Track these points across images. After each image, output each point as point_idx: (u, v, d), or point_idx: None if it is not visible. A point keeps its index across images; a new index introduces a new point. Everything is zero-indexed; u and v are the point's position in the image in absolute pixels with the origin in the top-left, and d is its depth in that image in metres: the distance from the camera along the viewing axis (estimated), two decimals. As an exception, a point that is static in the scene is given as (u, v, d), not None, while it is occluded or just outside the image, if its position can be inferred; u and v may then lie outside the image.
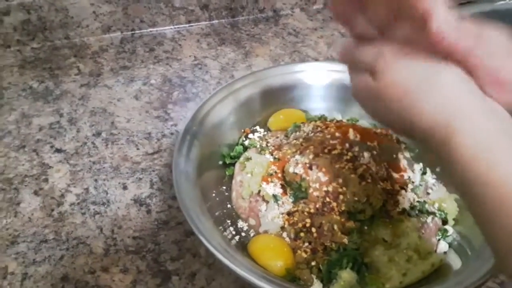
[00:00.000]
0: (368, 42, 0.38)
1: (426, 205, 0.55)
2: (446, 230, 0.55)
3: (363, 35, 0.39)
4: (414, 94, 0.34)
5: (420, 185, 0.57)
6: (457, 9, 0.37)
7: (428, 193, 0.58)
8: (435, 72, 0.34)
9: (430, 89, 0.33)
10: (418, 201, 0.55)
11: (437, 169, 0.61)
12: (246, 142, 0.65)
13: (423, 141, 0.35)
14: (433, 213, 0.55)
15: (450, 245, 0.54)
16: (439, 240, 0.54)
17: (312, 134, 0.58)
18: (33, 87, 0.80)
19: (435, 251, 0.53)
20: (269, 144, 0.62)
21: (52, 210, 0.61)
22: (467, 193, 0.32)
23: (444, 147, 0.32)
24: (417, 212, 0.54)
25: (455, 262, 0.52)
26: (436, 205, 0.57)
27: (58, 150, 0.69)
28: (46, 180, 0.65)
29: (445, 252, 0.53)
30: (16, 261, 0.56)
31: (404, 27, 0.35)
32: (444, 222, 0.56)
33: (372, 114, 0.40)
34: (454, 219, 0.56)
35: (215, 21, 0.99)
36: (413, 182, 0.55)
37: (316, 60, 0.89)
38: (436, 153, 0.34)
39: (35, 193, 0.63)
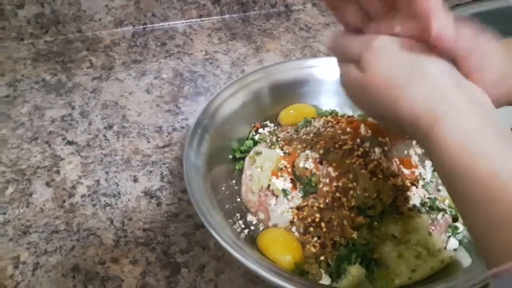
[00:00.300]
0: (356, 33, 0.39)
1: (437, 202, 0.55)
2: (456, 227, 0.55)
3: (352, 24, 0.39)
4: (400, 85, 0.34)
5: (431, 181, 0.56)
6: (452, 10, 0.37)
7: (439, 190, 0.58)
8: (422, 64, 0.34)
9: (416, 80, 0.34)
10: (428, 198, 0.54)
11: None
12: (256, 137, 0.65)
13: (408, 132, 0.35)
14: (444, 210, 0.55)
15: (460, 242, 0.54)
16: (449, 237, 0.54)
17: (322, 129, 0.58)
18: (46, 80, 0.81)
19: (445, 248, 0.52)
20: (279, 139, 0.62)
21: (64, 201, 0.62)
22: (449, 182, 0.32)
23: (429, 137, 0.33)
24: (427, 208, 0.54)
25: (465, 259, 0.52)
26: (447, 202, 0.56)
27: (70, 142, 0.70)
28: (58, 172, 0.66)
29: (455, 249, 0.53)
30: (28, 251, 0.56)
31: (398, 18, 0.36)
32: (455, 219, 0.56)
33: (358, 105, 0.40)
34: (464, 216, 0.56)
35: (227, 16, 0.99)
36: (424, 179, 0.55)
37: (328, 55, 0.89)
38: (421, 143, 0.34)
39: (47, 184, 0.64)
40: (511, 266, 0.27)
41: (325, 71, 0.69)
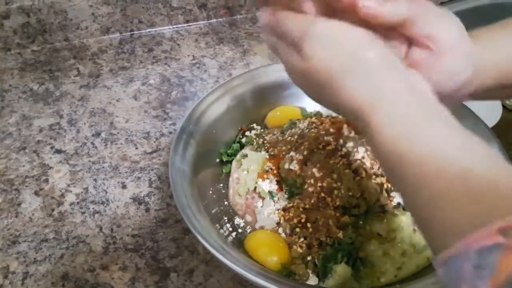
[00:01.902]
0: (295, 14, 0.37)
1: (422, 199, 0.55)
2: (441, 224, 0.55)
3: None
4: (340, 76, 0.34)
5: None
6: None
7: (424, 187, 0.58)
8: (361, 52, 0.34)
9: (355, 70, 0.33)
10: (413, 195, 0.55)
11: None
12: (243, 140, 0.65)
13: (351, 120, 0.35)
14: (429, 207, 0.55)
15: (445, 238, 0.54)
16: (434, 233, 0.54)
17: (307, 130, 0.59)
18: (33, 89, 0.81)
19: (431, 244, 0.53)
20: (265, 141, 0.62)
21: (53, 210, 0.62)
22: (389, 169, 0.32)
23: (368, 126, 0.33)
24: (412, 206, 0.54)
25: (451, 255, 0.52)
26: (432, 199, 0.57)
27: (58, 151, 0.70)
28: (46, 181, 0.66)
29: (440, 246, 0.53)
30: (17, 260, 0.57)
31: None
32: (440, 216, 0.56)
33: (304, 90, 0.39)
34: (450, 213, 0.56)
35: (213, 20, 0.99)
36: (407, 177, 0.55)
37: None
38: (364, 133, 0.34)
39: (36, 193, 0.64)
40: (458, 248, 0.26)
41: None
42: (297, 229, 0.52)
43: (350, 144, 0.54)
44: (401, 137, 0.31)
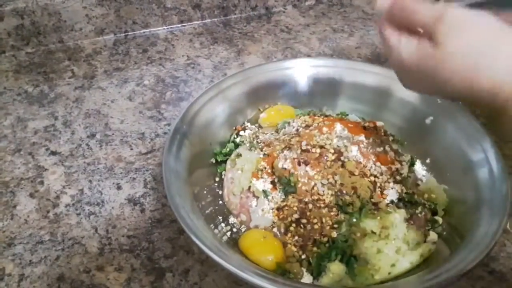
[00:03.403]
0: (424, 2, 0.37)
1: (415, 196, 0.56)
2: (435, 221, 0.56)
3: None
4: (479, 59, 0.34)
5: (409, 176, 0.57)
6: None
7: (418, 185, 0.59)
8: (501, 34, 0.34)
9: (495, 53, 0.34)
10: (406, 193, 0.55)
11: (427, 161, 0.62)
12: (238, 139, 0.66)
13: (482, 102, 0.35)
14: (423, 204, 0.56)
15: (439, 235, 0.54)
16: (428, 230, 0.55)
17: (300, 129, 0.59)
18: (28, 91, 0.81)
19: (424, 241, 0.53)
20: (259, 141, 0.62)
21: (48, 211, 0.62)
22: None
23: (508, 106, 0.33)
24: (405, 203, 0.54)
25: (444, 252, 0.52)
26: (426, 196, 0.57)
27: (53, 153, 0.70)
28: (41, 183, 0.66)
29: (434, 242, 0.54)
30: (13, 262, 0.57)
31: None
32: (434, 213, 0.57)
33: (418, 84, 0.38)
34: (443, 210, 0.57)
35: (208, 20, 0.99)
36: (401, 174, 0.56)
37: (308, 56, 0.90)
38: (497, 113, 0.35)
39: (31, 195, 0.64)
40: None
41: (303, 72, 0.70)
42: (291, 228, 0.53)
43: (343, 143, 0.54)
44: None
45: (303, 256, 0.51)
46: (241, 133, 0.66)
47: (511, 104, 0.33)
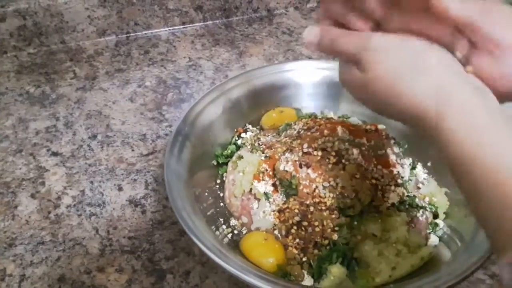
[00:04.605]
0: (349, 31, 0.38)
1: (416, 200, 0.56)
2: (436, 224, 0.56)
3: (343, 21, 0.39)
4: (403, 83, 0.34)
5: (410, 179, 0.57)
6: None
7: (419, 188, 0.59)
8: (420, 58, 0.35)
9: (416, 76, 0.34)
10: (408, 196, 0.55)
11: (429, 164, 0.62)
12: (239, 141, 0.66)
13: (413, 126, 0.36)
14: (424, 207, 0.56)
15: (440, 238, 0.55)
16: (429, 233, 0.55)
17: (302, 132, 0.59)
18: (29, 92, 0.81)
19: (425, 244, 0.53)
20: (261, 143, 0.63)
21: (49, 212, 0.62)
22: (458, 172, 0.33)
23: (435, 130, 0.33)
24: (407, 206, 0.54)
25: (445, 255, 0.53)
26: (427, 199, 0.57)
27: (55, 154, 0.71)
28: (43, 183, 0.66)
29: (435, 246, 0.54)
30: (14, 263, 0.57)
31: (402, 11, 0.37)
32: (435, 216, 0.57)
33: (360, 101, 0.40)
34: (444, 213, 0.57)
35: (209, 22, 0.99)
36: (402, 177, 0.56)
37: (310, 58, 0.90)
38: (427, 136, 0.35)
39: (32, 196, 0.64)
40: None
41: (305, 74, 0.70)
42: (293, 230, 0.53)
43: (344, 146, 0.55)
44: (472, 142, 0.32)
45: (304, 259, 0.51)
46: (243, 135, 0.67)
47: (438, 134, 0.33)
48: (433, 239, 0.54)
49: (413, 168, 0.59)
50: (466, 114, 0.32)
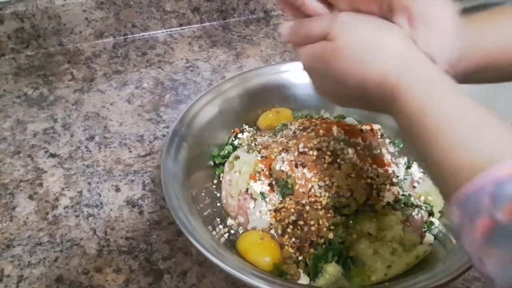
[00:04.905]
0: (316, 16, 0.42)
1: (412, 198, 0.56)
2: (431, 223, 0.56)
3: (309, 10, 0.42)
4: (370, 47, 0.38)
5: (405, 178, 0.57)
6: None
7: (414, 187, 0.59)
8: (385, 29, 0.38)
9: (381, 45, 0.38)
10: (403, 195, 0.56)
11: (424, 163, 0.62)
12: (236, 142, 0.66)
13: (373, 94, 0.38)
14: (419, 206, 0.56)
15: (435, 237, 0.55)
16: (424, 232, 0.55)
17: (298, 132, 0.59)
18: (27, 94, 0.82)
19: (421, 243, 0.54)
20: (257, 143, 0.63)
21: (47, 213, 0.63)
22: (412, 125, 0.35)
23: (395, 90, 0.36)
24: (402, 205, 0.55)
25: (440, 253, 0.53)
26: (422, 198, 0.58)
27: (53, 155, 0.71)
28: (40, 185, 0.66)
29: (430, 244, 0.54)
30: (11, 264, 0.57)
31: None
32: (430, 214, 0.57)
33: (323, 85, 0.43)
34: (439, 212, 0.57)
35: (207, 24, 1.00)
36: (397, 176, 0.56)
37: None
38: (386, 101, 0.37)
39: (30, 197, 0.65)
40: (476, 183, 0.29)
41: (301, 75, 0.70)
42: (289, 230, 0.53)
43: (339, 145, 0.55)
44: (426, 95, 0.35)
45: (300, 258, 0.52)
46: (239, 135, 0.67)
47: (397, 94, 0.36)
48: (428, 238, 0.54)
49: (408, 167, 0.60)
50: (421, 74, 0.36)
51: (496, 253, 0.27)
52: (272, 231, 0.54)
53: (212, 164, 0.64)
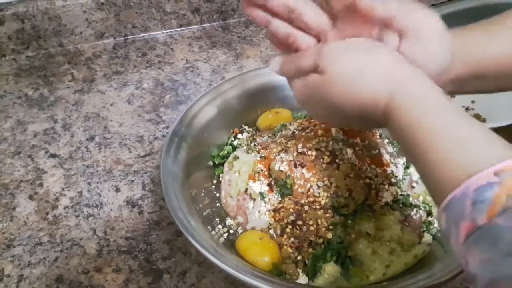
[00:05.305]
0: (304, 51, 0.44)
1: (410, 198, 0.56)
2: (430, 222, 0.56)
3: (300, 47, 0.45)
4: (359, 74, 0.39)
5: (404, 179, 0.58)
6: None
7: (413, 187, 0.59)
8: (373, 54, 0.40)
9: (370, 67, 0.39)
10: (401, 195, 0.56)
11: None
12: (235, 142, 0.66)
13: (369, 115, 0.40)
14: (417, 206, 0.56)
15: (434, 236, 0.55)
16: (423, 232, 0.55)
17: (297, 132, 0.59)
18: (28, 95, 0.82)
19: (419, 242, 0.54)
20: (256, 143, 0.63)
21: (47, 213, 0.63)
22: (406, 138, 0.37)
23: (387, 108, 0.38)
24: (400, 205, 0.55)
25: (439, 253, 0.53)
26: (421, 198, 0.58)
27: (53, 155, 0.71)
28: (41, 185, 0.67)
29: (429, 244, 0.54)
30: (12, 263, 0.57)
31: (337, 22, 0.43)
32: (429, 214, 0.57)
33: (319, 112, 0.45)
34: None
35: (207, 25, 1.00)
36: (396, 176, 0.56)
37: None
38: (381, 119, 0.39)
39: (30, 197, 0.65)
40: (460, 189, 0.31)
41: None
42: (287, 229, 0.53)
43: (338, 145, 0.55)
44: (414, 109, 0.36)
45: (299, 257, 0.52)
46: (239, 136, 0.67)
47: (389, 112, 0.38)
48: (427, 238, 0.55)
49: (407, 167, 0.60)
50: (410, 88, 0.38)
51: (476, 253, 0.29)
52: (271, 231, 0.54)
53: (211, 164, 0.64)
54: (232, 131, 0.68)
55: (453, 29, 0.43)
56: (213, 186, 0.62)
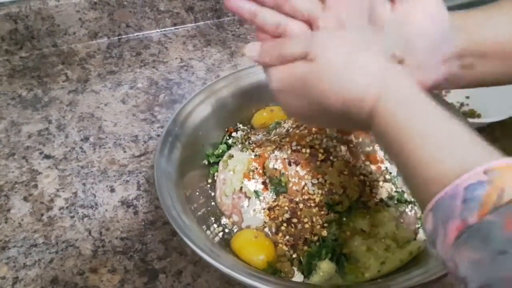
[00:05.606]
0: (289, 37, 0.42)
1: (405, 195, 0.56)
2: (425, 219, 0.56)
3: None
4: (347, 70, 0.38)
5: (398, 175, 0.57)
6: None
7: (408, 183, 0.59)
8: (363, 47, 0.39)
9: (359, 65, 0.38)
10: (396, 191, 0.56)
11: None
12: (230, 141, 0.66)
13: (352, 110, 0.39)
14: (412, 203, 0.56)
15: (429, 233, 0.55)
16: (418, 228, 0.55)
17: (291, 129, 0.59)
18: (22, 96, 0.82)
19: (414, 239, 0.54)
20: (251, 142, 0.63)
21: (42, 215, 0.63)
22: (390, 138, 0.37)
23: (373, 109, 0.38)
24: (395, 202, 0.55)
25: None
26: (416, 195, 0.58)
27: (47, 156, 0.71)
28: (35, 186, 0.67)
29: (424, 240, 0.54)
30: (7, 265, 0.57)
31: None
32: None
33: (297, 104, 0.43)
34: (433, 208, 0.57)
35: (201, 23, 1.00)
36: (390, 173, 0.56)
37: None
38: (365, 115, 0.39)
39: (25, 199, 0.65)
40: (449, 189, 0.31)
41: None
42: (282, 227, 0.53)
43: (332, 143, 0.55)
44: (400, 110, 0.36)
45: (294, 255, 0.52)
46: (233, 134, 0.67)
47: (375, 111, 0.38)
48: (422, 234, 0.54)
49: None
50: (396, 88, 0.38)
51: (466, 253, 0.29)
52: (266, 229, 0.54)
53: (206, 163, 0.64)
54: (226, 129, 0.68)
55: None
56: (208, 185, 0.62)
